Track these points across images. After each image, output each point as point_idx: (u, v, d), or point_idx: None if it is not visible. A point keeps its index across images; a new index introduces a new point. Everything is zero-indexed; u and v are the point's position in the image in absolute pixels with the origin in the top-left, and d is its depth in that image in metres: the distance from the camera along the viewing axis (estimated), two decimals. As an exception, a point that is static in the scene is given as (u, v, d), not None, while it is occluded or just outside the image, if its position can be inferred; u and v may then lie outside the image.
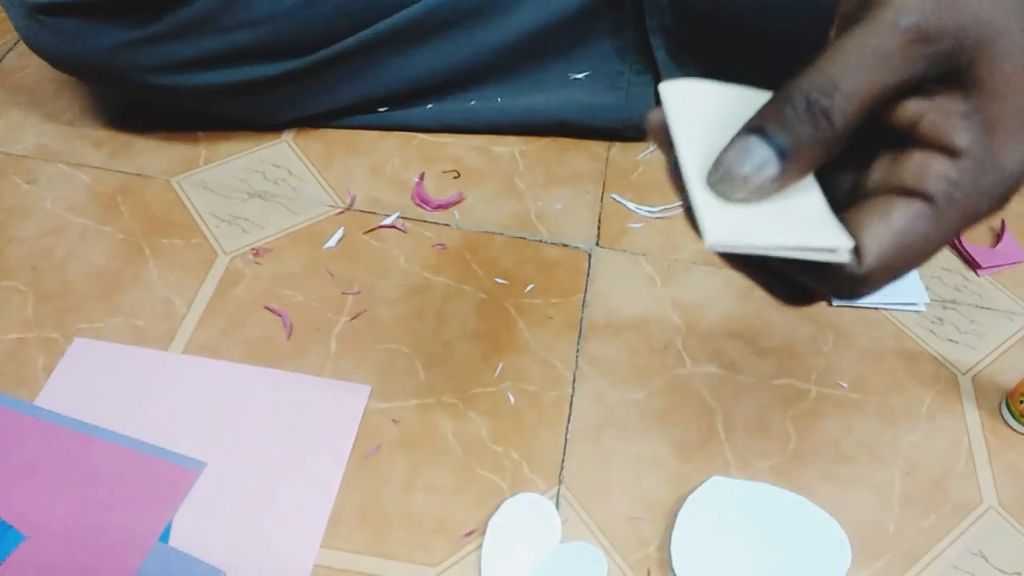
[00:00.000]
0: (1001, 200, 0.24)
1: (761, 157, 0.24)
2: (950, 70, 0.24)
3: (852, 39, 0.23)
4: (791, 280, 0.27)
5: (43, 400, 0.46)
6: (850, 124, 0.24)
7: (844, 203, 0.26)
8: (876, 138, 0.26)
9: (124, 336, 0.49)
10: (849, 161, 0.27)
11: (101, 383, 0.47)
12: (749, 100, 0.26)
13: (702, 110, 0.26)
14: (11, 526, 0.41)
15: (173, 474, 0.44)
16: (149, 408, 0.46)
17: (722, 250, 0.24)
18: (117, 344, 0.49)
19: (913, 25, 0.23)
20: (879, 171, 0.26)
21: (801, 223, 0.24)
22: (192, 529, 0.42)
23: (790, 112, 0.24)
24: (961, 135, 0.23)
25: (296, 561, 0.41)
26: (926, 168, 0.24)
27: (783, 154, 0.24)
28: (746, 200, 0.24)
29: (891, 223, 0.24)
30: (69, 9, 0.50)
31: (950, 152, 0.24)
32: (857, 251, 0.24)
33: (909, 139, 0.25)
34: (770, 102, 0.24)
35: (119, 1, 0.49)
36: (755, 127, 0.24)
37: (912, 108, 0.24)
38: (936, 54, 0.23)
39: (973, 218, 0.24)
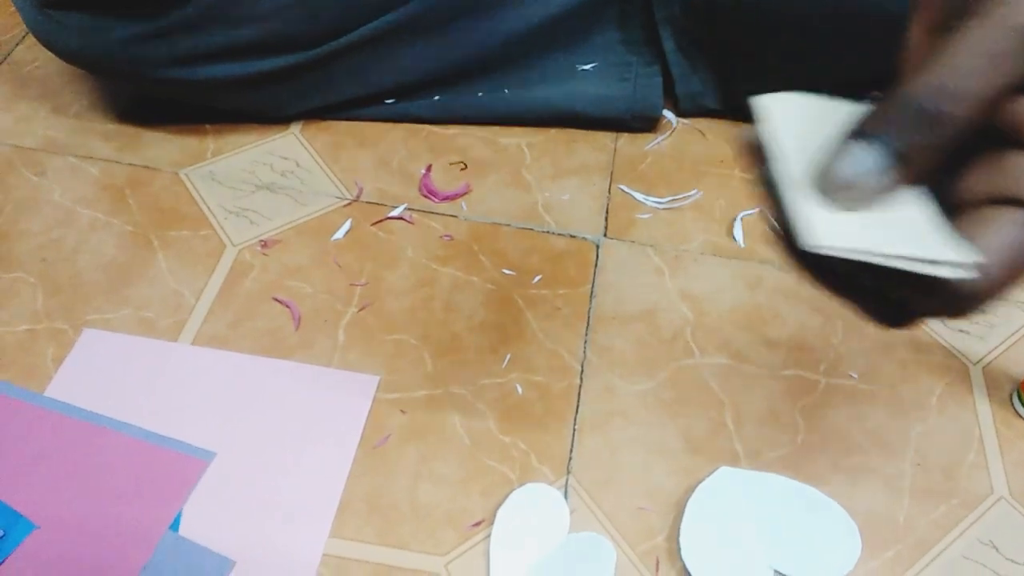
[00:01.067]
0: None
1: (870, 162, 0.23)
2: None
3: (962, 40, 0.22)
4: (887, 300, 0.26)
5: (53, 391, 0.46)
6: (962, 129, 0.23)
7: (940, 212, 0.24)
8: (973, 141, 0.24)
9: (133, 327, 0.49)
10: (944, 166, 0.25)
11: (111, 374, 0.47)
12: (844, 111, 0.25)
13: (798, 121, 0.26)
14: (22, 516, 0.42)
15: (183, 464, 0.44)
16: (159, 399, 0.46)
17: (827, 252, 0.23)
18: (126, 335, 0.49)
19: None
20: (978, 177, 0.24)
21: (915, 233, 0.23)
22: (202, 518, 0.42)
23: (901, 116, 0.23)
24: None
25: (305, 550, 0.41)
26: None
27: (893, 159, 0.23)
28: (852, 206, 0.23)
29: (1004, 235, 0.23)
30: (78, 3, 0.50)
31: None
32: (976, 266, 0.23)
33: (1009, 140, 0.24)
34: (878, 106, 0.23)
35: None
36: (864, 132, 0.23)
37: (1020, 106, 0.23)
38: None
39: None
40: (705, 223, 0.58)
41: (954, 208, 0.24)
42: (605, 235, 0.57)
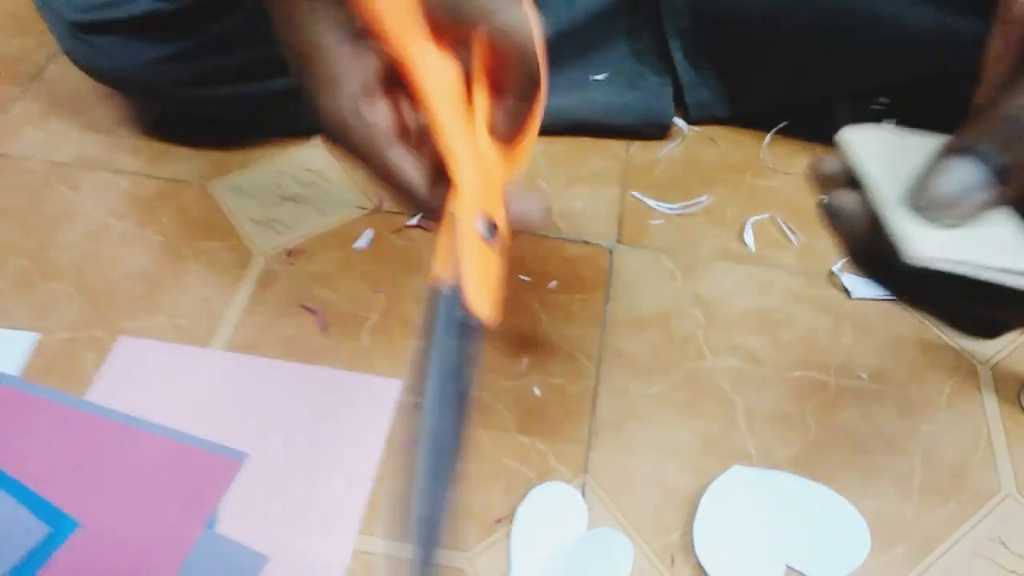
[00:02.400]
0: None
1: (970, 178, 0.23)
2: None
3: None
4: (977, 314, 0.26)
5: (93, 395, 0.49)
6: None
7: None
8: None
9: (167, 334, 0.51)
10: None
11: (147, 379, 0.49)
12: (927, 141, 0.26)
13: (884, 150, 0.26)
14: (66, 514, 0.44)
15: (217, 464, 0.46)
16: (193, 402, 0.48)
17: (930, 264, 0.23)
18: (161, 342, 0.51)
19: None
20: None
21: (1012, 247, 0.24)
22: (236, 516, 0.44)
23: (1005, 132, 0.23)
24: None
25: (335, 546, 0.43)
26: None
27: (998, 174, 0.23)
28: (951, 223, 0.23)
29: None
30: (109, 27, 0.53)
31: None
32: None
33: None
34: (977, 121, 0.23)
35: (155, 19, 0.52)
36: (963, 148, 0.23)
37: None
38: None
39: None
40: (716, 228, 0.60)
41: None
42: (618, 241, 0.59)
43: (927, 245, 0.23)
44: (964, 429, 0.50)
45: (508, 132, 0.30)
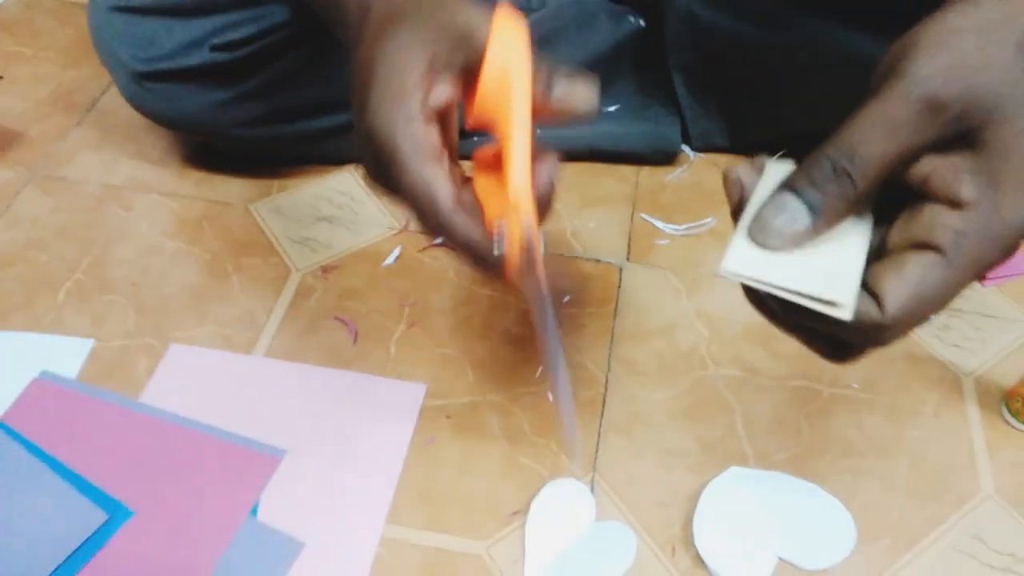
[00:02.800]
0: (1006, 248, 0.27)
1: (792, 210, 0.28)
2: (959, 132, 0.27)
3: (871, 108, 0.27)
4: (829, 337, 0.30)
5: (146, 398, 0.53)
6: (870, 185, 0.27)
7: (872, 259, 0.29)
8: (899, 196, 0.29)
9: (213, 342, 0.56)
10: (878, 219, 0.30)
11: (195, 383, 0.54)
12: None
13: (776, 179, 0.30)
14: (121, 503, 0.48)
15: (259, 460, 0.50)
16: (236, 404, 0.53)
17: (732, 278, 0.28)
18: (207, 349, 0.56)
19: (924, 95, 0.26)
20: (898, 228, 0.28)
21: (818, 274, 0.27)
22: (275, 506, 0.49)
23: (818, 173, 0.28)
24: (968, 188, 0.26)
25: (365, 533, 0.48)
26: (935, 221, 0.27)
27: (812, 208, 0.27)
28: (781, 248, 0.28)
29: (906, 276, 0.27)
30: (169, 75, 0.58)
31: (957, 204, 0.27)
32: (879, 303, 0.27)
33: (921, 194, 0.28)
34: (802, 165, 0.28)
35: (212, 68, 0.57)
36: (789, 186, 0.28)
37: (925, 165, 0.27)
38: (946, 120, 0.26)
39: (982, 264, 0.27)
40: (719, 248, 0.64)
41: (884, 254, 0.29)
42: (628, 259, 0.63)
43: (739, 262, 0.28)
44: (948, 436, 0.53)
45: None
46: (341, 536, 0.48)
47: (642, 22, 0.68)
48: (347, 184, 0.68)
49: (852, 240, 0.29)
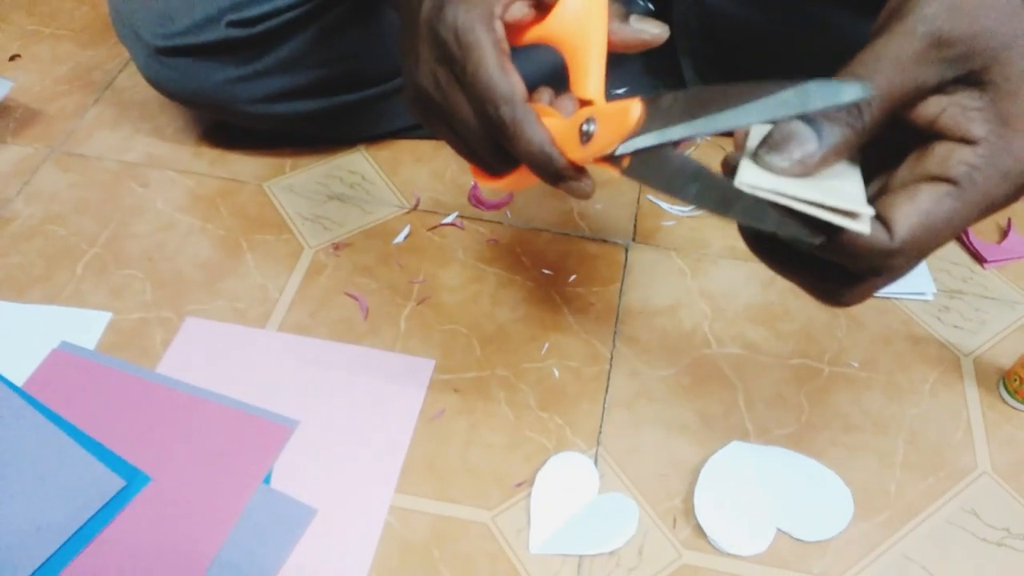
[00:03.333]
0: (1016, 186, 0.28)
1: (802, 134, 0.28)
2: (965, 71, 0.27)
3: (878, 45, 0.28)
4: (827, 276, 0.30)
5: (163, 369, 0.55)
6: (876, 118, 0.28)
7: (873, 200, 0.29)
8: (901, 145, 0.29)
9: (227, 316, 0.58)
10: (880, 166, 0.30)
11: (210, 355, 0.56)
12: None
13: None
14: (140, 470, 0.50)
15: (272, 430, 0.52)
16: (251, 376, 0.54)
17: (748, 191, 0.28)
18: (222, 323, 0.57)
19: (929, 32, 0.27)
20: (906, 168, 0.29)
21: (831, 191, 0.28)
22: (289, 475, 0.50)
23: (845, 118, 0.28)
24: (978, 126, 0.27)
25: (374, 502, 0.49)
26: (948, 155, 0.27)
27: (820, 136, 0.28)
28: (787, 172, 0.28)
29: (919, 202, 0.27)
30: (186, 50, 0.59)
31: (969, 141, 0.27)
32: (888, 228, 0.27)
33: (931, 134, 0.28)
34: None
35: (228, 44, 0.58)
36: (800, 115, 0.28)
37: (933, 105, 0.28)
38: (951, 57, 0.27)
39: (992, 201, 0.27)
40: (724, 229, 0.65)
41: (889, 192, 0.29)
42: (633, 240, 0.64)
43: (753, 177, 0.28)
44: (946, 414, 0.54)
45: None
46: (352, 504, 0.49)
47: (651, 5, 0.68)
48: (359, 164, 0.69)
49: (851, 178, 0.30)
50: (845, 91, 0.26)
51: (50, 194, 0.65)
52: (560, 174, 0.34)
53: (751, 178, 0.28)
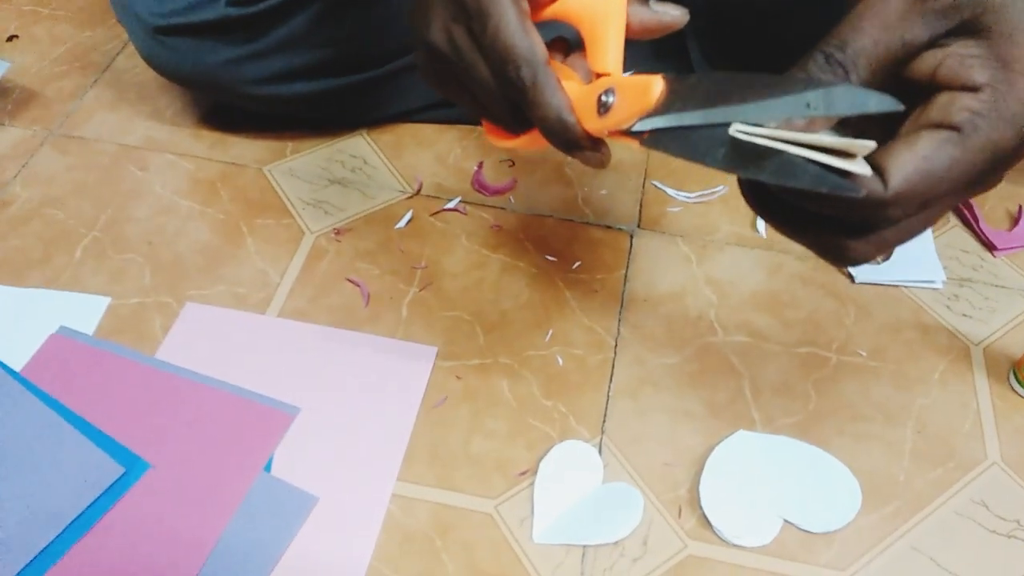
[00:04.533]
0: (1020, 134, 0.26)
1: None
2: (957, 22, 0.27)
3: (862, 5, 0.27)
4: (827, 235, 0.29)
5: (162, 354, 0.54)
6: (864, 79, 0.27)
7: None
8: (911, 110, 0.28)
9: (227, 301, 0.57)
10: (881, 133, 0.29)
11: (210, 341, 0.55)
12: None
13: None
14: (139, 456, 0.50)
15: (273, 416, 0.51)
16: (251, 362, 0.54)
17: (745, 138, 0.27)
18: (222, 308, 0.57)
19: None
20: (909, 122, 0.28)
21: (830, 136, 0.27)
22: (290, 462, 0.50)
23: (812, 64, 0.28)
24: (979, 72, 0.26)
25: (376, 490, 0.49)
26: (951, 103, 0.26)
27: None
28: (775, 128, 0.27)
29: (916, 149, 0.26)
30: (185, 30, 0.58)
31: (971, 88, 0.26)
32: (882, 176, 0.26)
33: (931, 87, 0.27)
34: (801, 58, 0.29)
35: (228, 22, 0.57)
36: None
37: (929, 59, 0.27)
38: (938, 9, 0.27)
39: (998, 146, 0.26)
40: (730, 216, 0.64)
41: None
42: (639, 226, 0.63)
43: (749, 126, 0.28)
44: (955, 404, 0.53)
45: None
46: (353, 492, 0.49)
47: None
48: (360, 148, 0.68)
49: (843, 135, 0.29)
50: (872, 101, 0.25)
51: (48, 177, 0.64)
52: (575, 143, 0.33)
53: (746, 126, 0.28)
